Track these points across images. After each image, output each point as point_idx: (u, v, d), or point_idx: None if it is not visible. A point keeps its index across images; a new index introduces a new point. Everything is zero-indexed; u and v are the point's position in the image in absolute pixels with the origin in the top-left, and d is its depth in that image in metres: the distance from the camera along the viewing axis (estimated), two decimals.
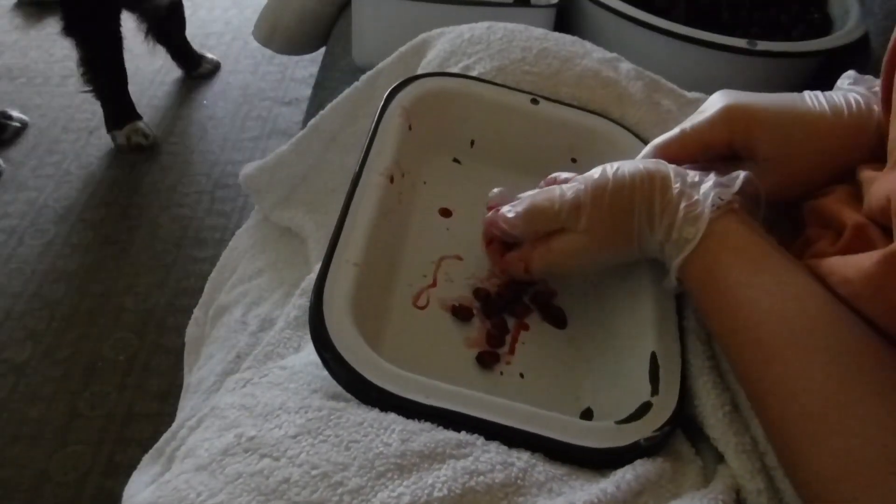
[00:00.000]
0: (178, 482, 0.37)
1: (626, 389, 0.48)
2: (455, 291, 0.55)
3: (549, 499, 0.38)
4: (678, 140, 0.52)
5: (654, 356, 0.48)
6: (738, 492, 0.43)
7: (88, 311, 1.35)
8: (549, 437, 0.43)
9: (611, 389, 0.50)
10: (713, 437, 0.45)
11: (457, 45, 0.67)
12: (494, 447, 0.41)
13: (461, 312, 0.53)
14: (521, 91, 0.63)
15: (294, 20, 1.16)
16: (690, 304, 0.51)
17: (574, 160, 0.63)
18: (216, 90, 1.89)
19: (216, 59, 1.99)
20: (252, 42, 1.24)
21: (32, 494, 1.09)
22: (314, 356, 0.44)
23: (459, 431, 0.41)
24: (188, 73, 1.96)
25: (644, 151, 0.54)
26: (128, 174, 1.63)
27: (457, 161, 0.63)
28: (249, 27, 1.23)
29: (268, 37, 1.19)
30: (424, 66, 0.67)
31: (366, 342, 0.45)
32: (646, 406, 0.46)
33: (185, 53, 1.94)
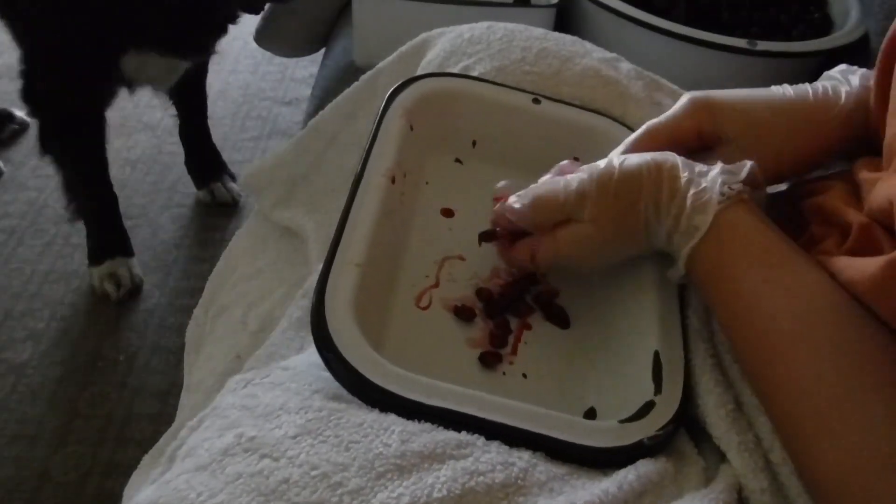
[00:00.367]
0: (179, 482, 0.37)
1: (630, 389, 0.48)
2: (458, 292, 0.54)
3: (550, 498, 0.38)
4: (646, 136, 0.53)
5: (657, 355, 0.48)
6: (740, 491, 0.43)
7: (88, 312, 1.35)
8: (551, 437, 0.42)
9: (614, 389, 0.50)
10: (715, 436, 0.45)
11: (457, 45, 0.67)
12: (495, 447, 0.41)
13: (464, 313, 0.53)
14: (523, 91, 0.63)
15: (294, 23, 1.16)
16: (692, 303, 0.51)
17: (576, 159, 0.63)
18: (216, 90, 1.89)
19: (237, 191, 1.57)
20: (252, 42, 1.24)
21: (32, 494, 1.09)
22: (316, 357, 0.44)
23: (460, 431, 0.41)
24: (200, 189, 1.57)
25: (615, 151, 0.54)
26: (128, 174, 1.63)
27: (459, 161, 0.63)
28: (249, 27, 1.23)
29: (268, 40, 1.19)
30: (424, 66, 0.67)
31: (368, 343, 0.45)
32: (649, 405, 0.45)
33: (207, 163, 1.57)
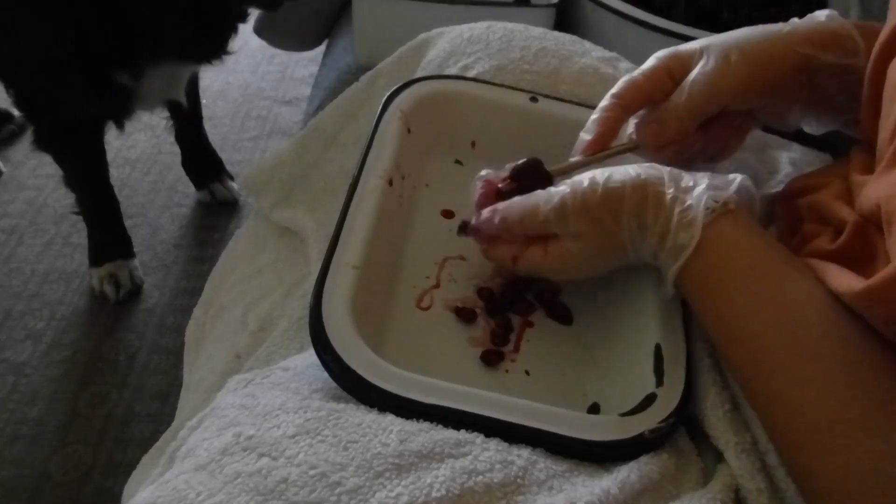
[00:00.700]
0: (178, 482, 0.37)
1: (633, 383, 0.47)
2: (459, 292, 0.55)
3: (550, 496, 0.38)
4: (625, 87, 0.53)
5: (658, 348, 0.47)
6: (738, 491, 0.43)
7: (88, 311, 1.35)
8: (550, 432, 0.42)
9: (617, 384, 0.49)
10: (713, 436, 0.45)
11: (456, 45, 0.67)
12: (494, 445, 0.40)
13: (465, 313, 0.53)
14: (520, 90, 0.63)
15: (295, 16, 1.16)
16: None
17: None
18: (216, 90, 1.89)
19: (237, 189, 1.59)
20: (252, 41, 1.24)
21: (32, 494, 1.09)
22: (316, 357, 0.44)
23: (459, 429, 0.41)
24: (199, 189, 1.57)
25: (600, 105, 0.54)
26: (128, 174, 1.63)
27: (459, 162, 0.63)
28: (249, 26, 1.23)
29: (269, 32, 1.19)
30: (424, 66, 0.67)
31: (367, 344, 0.44)
32: (650, 398, 0.45)
33: (204, 164, 1.57)
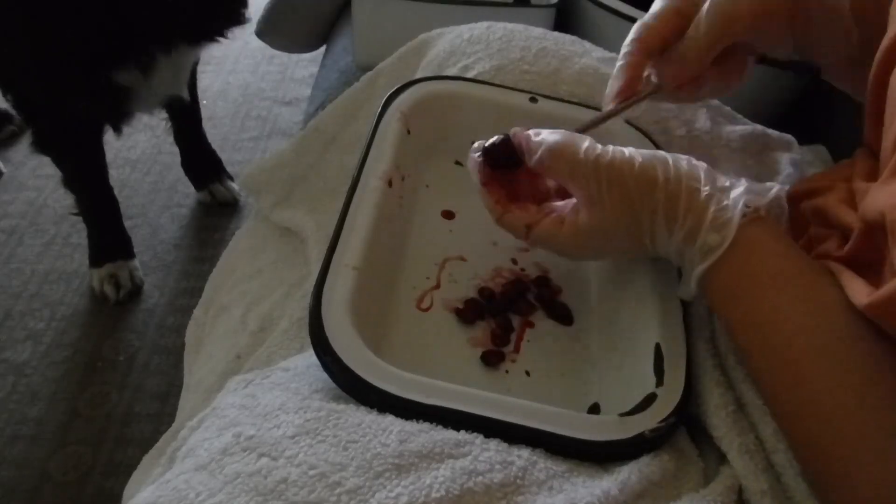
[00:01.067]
0: (178, 482, 0.37)
1: (633, 383, 0.47)
2: (459, 292, 0.55)
3: (550, 496, 0.38)
4: (642, 31, 0.52)
5: (658, 347, 0.47)
6: (740, 492, 0.42)
7: (88, 311, 1.35)
8: (550, 432, 0.42)
9: (618, 384, 0.49)
10: (716, 437, 0.45)
11: (456, 46, 0.67)
12: (494, 445, 0.40)
13: (465, 313, 0.53)
14: (519, 90, 0.63)
15: (296, 18, 1.16)
16: (692, 304, 0.51)
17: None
18: (216, 90, 1.89)
19: (237, 189, 1.59)
20: (252, 42, 1.24)
21: (32, 494, 1.09)
22: (316, 358, 0.44)
23: (459, 430, 0.41)
24: (199, 190, 1.57)
25: (623, 51, 0.53)
26: (128, 174, 1.63)
27: (459, 163, 0.63)
28: (249, 26, 1.23)
29: (270, 34, 1.19)
30: (424, 67, 0.67)
31: (367, 345, 0.44)
32: (650, 397, 0.45)
33: (204, 165, 1.57)
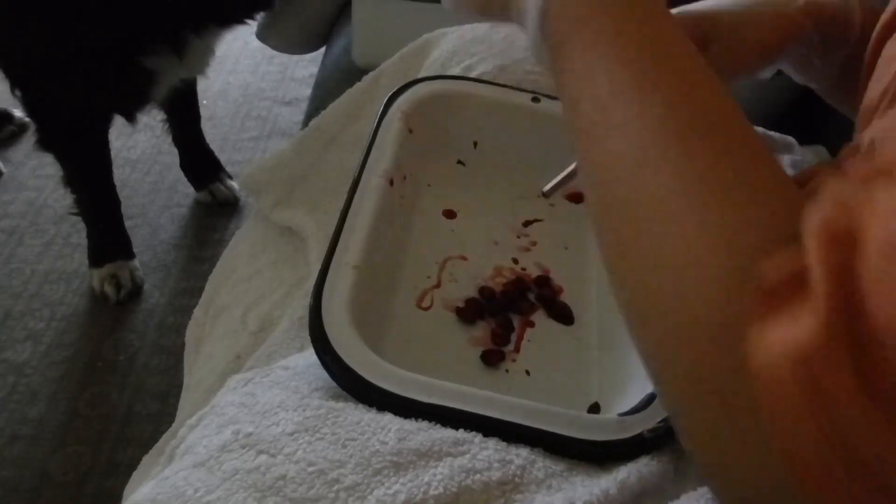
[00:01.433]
0: (177, 479, 0.37)
1: (633, 382, 0.47)
2: (460, 292, 0.55)
3: (549, 495, 0.38)
4: None
5: None
6: None
7: (88, 311, 1.35)
8: (549, 432, 0.42)
9: (618, 383, 0.49)
10: None
11: (459, 45, 0.67)
12: (492, 444, 0.40)
13: (465, 313, 0.53)
14: (522, 90, 0.63)
15: (296, 19, 1.16)
16: None
17: None
18: (216, 90, 1.89)
19: (237, 188, 1.57)
20: (252, 42, 1.24)
21: (32, 494, 1.09)
22: (315, 357, 0.44)
23: (458, 429, 0.41)
24: (198, 190, 1.57)
25: None
26: (128, 174, 1.63)
27: (461, 163, 0.64)
28: (249, 27, 1.23)
29: (270, 35, 1.19)
30: (427, 67, 0.67)
31: (367, 344, 0.44)
32: (650, 398, 0.45)
33: (203, 165, 1.56)
